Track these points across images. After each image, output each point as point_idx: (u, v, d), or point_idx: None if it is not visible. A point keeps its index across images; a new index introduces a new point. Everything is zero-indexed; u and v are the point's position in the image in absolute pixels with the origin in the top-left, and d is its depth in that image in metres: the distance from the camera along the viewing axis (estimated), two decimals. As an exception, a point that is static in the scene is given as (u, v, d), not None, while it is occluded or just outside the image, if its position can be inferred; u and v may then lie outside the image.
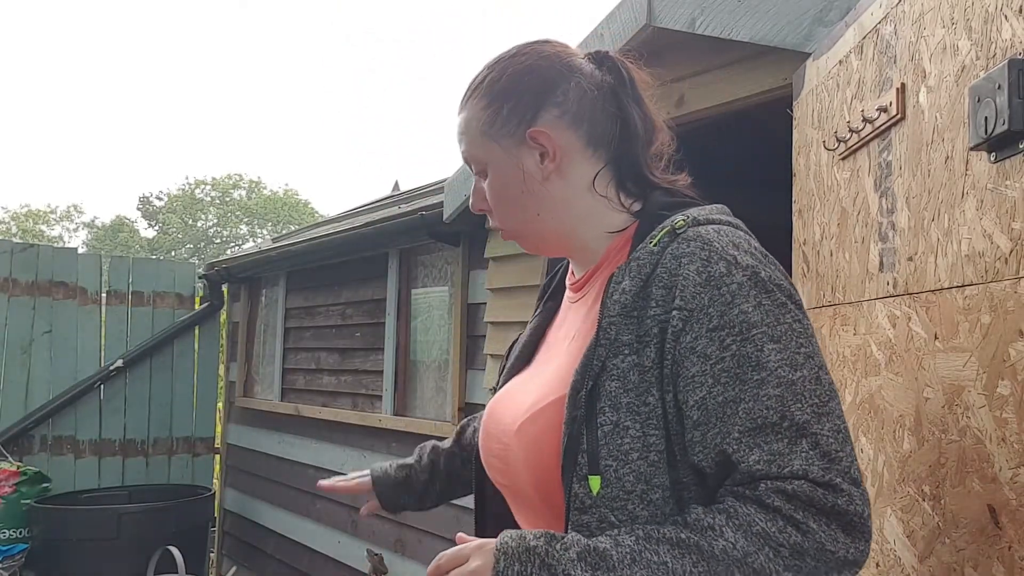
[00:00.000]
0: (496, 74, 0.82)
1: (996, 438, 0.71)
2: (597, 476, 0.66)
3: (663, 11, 1.69)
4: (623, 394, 0.67)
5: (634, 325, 0.69)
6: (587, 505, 0.66)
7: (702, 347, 0.66)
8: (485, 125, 0.81)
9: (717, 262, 0.67)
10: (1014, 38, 0.69)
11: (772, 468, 0.63)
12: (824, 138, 1.15)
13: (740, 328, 0.65)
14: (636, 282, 0.70)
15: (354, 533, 3.32)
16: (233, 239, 28.25)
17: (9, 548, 3.52)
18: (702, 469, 0.67)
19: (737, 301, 0.66)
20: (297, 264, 3.91)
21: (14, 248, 4.16)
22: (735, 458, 0.64)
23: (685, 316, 0.67)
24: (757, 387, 0.64)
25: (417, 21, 61.40)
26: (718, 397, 0.65)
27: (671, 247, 0.70)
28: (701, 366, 0.66)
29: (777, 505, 0.62)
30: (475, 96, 0.82)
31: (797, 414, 0.64)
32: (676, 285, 0.68)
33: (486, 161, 0.82)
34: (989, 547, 0.72)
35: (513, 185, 0.81)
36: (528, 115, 0.79)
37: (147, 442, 4.39)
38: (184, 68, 54.39)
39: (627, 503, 0.66)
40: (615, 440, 0.66)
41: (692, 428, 0.66)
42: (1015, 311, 0.68)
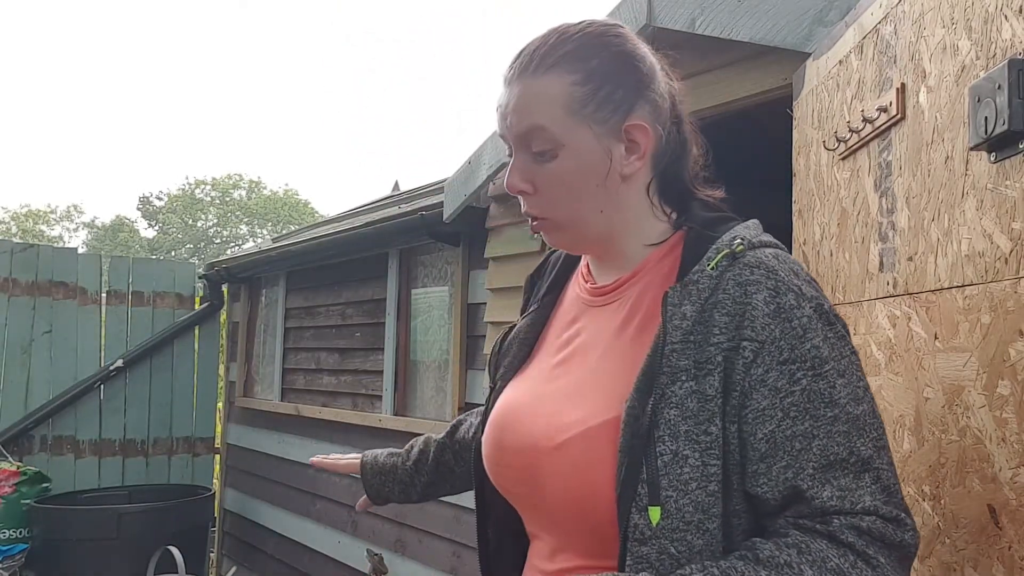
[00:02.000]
0: (590, 49, 0.74)
1: (996, 438, 0.71)
2: (658, 507, 0.64)
3: (663, 11, 1.69)
4: (681, 422, 0.65)
5: (692, 350, 0.66)
6: (647, 536, 0.64)
7: (772, 380, 0.65)
8: (576, 102, 0.72)
9: (786, 293, 0.67)
10: (1014, 38, 0.69)
11: (845, 504, 0.64)
12: (824, 138, 1.15)
13: (812, 363, 0.65)
14: (696, 307, 0.67)
15: (354, 533, 3.31)
16: (233, 239, 28.25)
17: (9, 548, 3.52)
18: (764, 500, 0.66)
19: (809, 335, 0.66)
20: (297, 264, 3.91)
21: (14, 248, 4.16)
22: (809, 494, 0.64)
23: (756, 348, 0.65)
24: (830, 424, 0.65)
25: (417, 21, 61.42)
26: (787, 431, 0.65)
27: (732, 272, 0.68)
28: (771, 399, 0.65)
29: (850, 541, 0.63)
30: (561, 67, 0.73)
31: (862, 449, 0.65)
32: (745, 314, 0.66)
33: (561, 142, 0.73)
34: (989, 547, 0.72)
35: (594, 175, 0.73)
36: (627, 105, 0.73)
37: (147, 442, 4.39)
38: (184, 68, 54.42)
39: (686, 534, 0.64)
40: (675, 470, 0.64)
41: (758, 460, 0.65)
42: (1015, 311, 0.68)
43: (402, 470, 1.05)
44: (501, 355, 0.88)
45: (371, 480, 1.07)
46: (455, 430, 1.06)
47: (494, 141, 2.40)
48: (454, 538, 2.72)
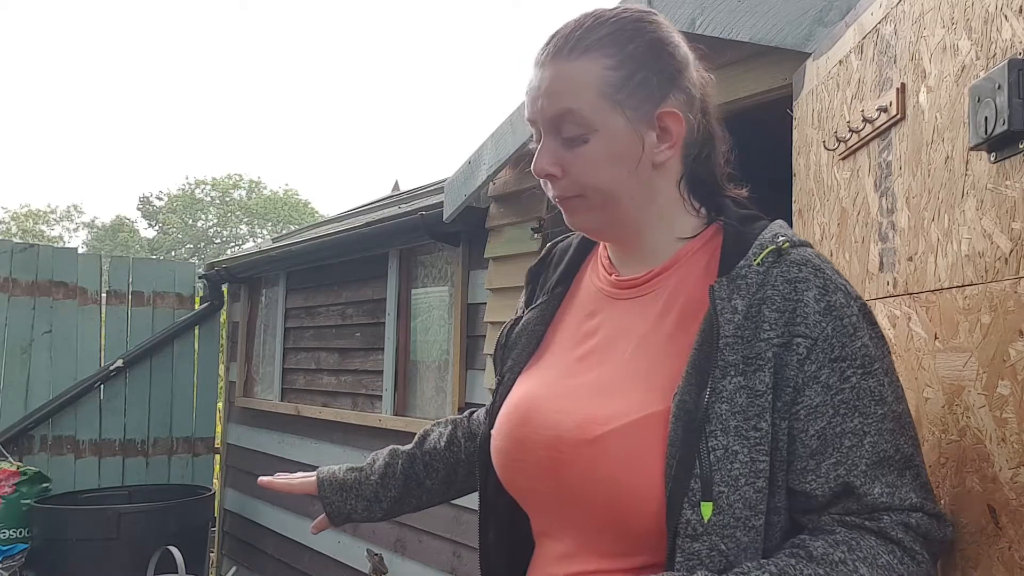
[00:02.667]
0: (626, 35, 0.73)
1: (996, 438, 0.71)
2: (710, 503, 0.63)
3: (663, 11, 1.69)
4: (731, 417, 0.65)
5: (741, 346, 0.66)
6: (698, 532, 0.64)
7: (825, 377, 0.66)
8: (610, 87, 0.71)
9: (835, 292, 0.68)
10: (1014, 38, 0.69)
11: (894, 501, 0.66)
12: (824, 138, 1.15)
13: (862, 361, 0.67)
14: (746, 301, 0.68)
15: (354, 533, 3.32)
16: (233, 239, 28.25)
17: (9, 548, 3.52)
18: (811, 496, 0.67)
19: (859, 334, 0.67)
20: (297, 264, 3.91)
21: (14, 248, 4.16)
22: (861, 491, 0.66)
23: (809, 344, 0.66)
24: (880, 421, 0.66)
25: (417, 21, 61.46)
26: (837, 428, 0.66)
27: (779, 269, 0.69)
28: (824, 396, 0.66)
29: (899, 537, 0.65)
30: (595, 50, 0.72)
31: (905, 447, 0.67)
32: (796, 311, 0.66)
33: (594, 125, 0.72)
34: (989, 547, 0.72)
35: (626, 161, 0.72)
36: (660, 92, 0.73)
37: (147, 442, 4.39)
38: (184, 68, 54.45)
39: (736, 530, 0.64)
40: (726, 465, 0.64)
41: (808, 456, 0.66)
42: (1015, 311, 0.68)
43: (366, 485, 0.99)
44: (508, 347, 0.86)
45: (330, 498, 0.99)
46: (424, 440, 1.01)
47: (494, 141, 2.40)
48: (454, 538, 2.72)
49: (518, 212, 2.45)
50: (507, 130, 2.32)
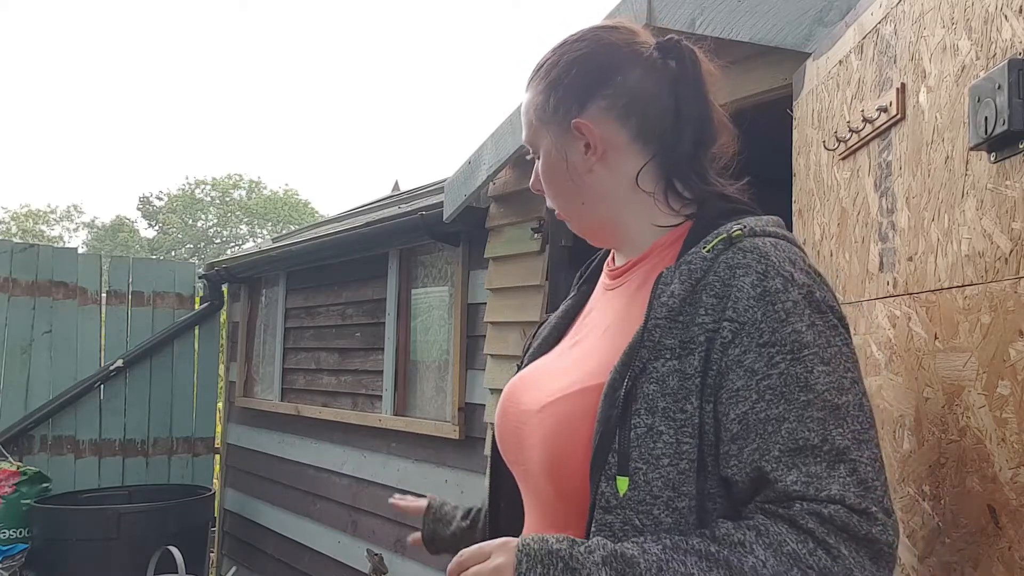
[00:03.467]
0: (555, 59, 0.82)
1: (996, 438, 0.71)
2: (626, 477, 0.65)
3: (663, 11, 1.69)
4: (660, 398, 0.66)
5: (679, 330, 0.68)
6: (612, 505, 0.66)
7: (750, 361, 0.65)
8: (539, 110, 0.82)
9: (774, 277, 0.67)
10: (1014, 38, 0.69)
11: (809, 490, 0.63)
12: (824, 138, 1.15)
13: (791, 347, 0.65)
14: (686, 286, 0.69)
15: (354, 533, 3.32)
16: (233, 239, 28.25)
17: (9, 548, 3.52)
18: (734, 482, 0.66)
19: (791, 319, 0.66)
20: (297, 264, 3.91)
21: (14, 248, 4.16)
22: (772, 476, 0.64)
23: (736, 328, 0.66)
24: (803, 408, 0.64)
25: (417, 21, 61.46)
26: (760, 413, 0.65)
27: (726, 255, 0.69)
28: (746, 380, 0.65)
29: (811, 527, 0.62)
30: (535, 80, 0.83)
31: (838, 439, 0.64)
32: (729, 296, 0.67)
33: (537, 147, 0.83)
34: (989, 547, 0.72)
35: (558, 173, 0.82)
36: (575, 105, 0.79)
37: (147, 442, 4.39)
38: (184, 69, 54.45)
39: (653, 508, 0.65)
40: (647, 443, 0.66)
41: (729, 441, 0.66)
42: (1015, 311, 0.68)
43: (456, 525, 1.03)
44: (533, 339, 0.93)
45: (429, 523, 1.05)
46: None
47: (494, 141, 2.40)
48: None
49: (518, 212, 2.45)
50: (507, 130, 2.32)
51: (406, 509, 1.09)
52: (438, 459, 2.84)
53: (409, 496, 1.11)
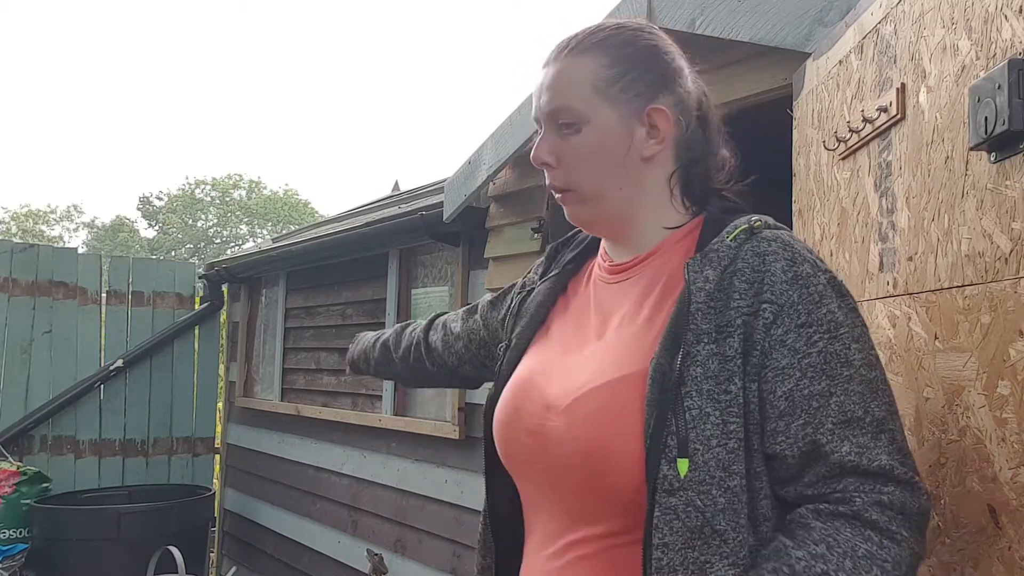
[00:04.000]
0: (624, 39, 0.80)
1: (996, 438, 0.71)
2: (686, 459, 0.67)
3: (663, 11, 1.69)
4: (704, 381, 0.68)
5: (713, 314, 0.70)
6: (676, 488, 0.67)
7: (791, 341, 0.69)
8: (603, 82, 0.78)
9: (801, 263, 0.71)
10: (1014, 38, 0.69)
11: (862, 460, 0.67)
12: (824, 138, 1.15)
13: (828, 326, 0.69)
14: (717, 272, 0.72)
15: (354, 533, 3.32)
16: (233, 239, 28.24)
17: (9, 548, 3.52)
18: (782, 457, 0.69)
19: (824, 301, 0.70)
20: (297, 264, 3.91)
21: (14, 248, 4.16)
22: (827, 448, 0.67)
23: (776, 310, 0.69)
24: (846, 383, 0.68)
25: (417, 21, 61.44)
26: (804, 390, 0.68)
27: (750, 244, 0.73)
28: (790, 359, 0.69)
29: (874, 519, 0.66)
30: (594, 52, 0.79)
31: (876, 410, 0.69)
32: (763, 280, 0.70)
33: (586, 118, 0.78)
34: (989, 547, 0.72)
35: (614, 152, 0.79)
36: (651, 91, 0.79)
37: (147, 442, 4.39)
38: (184, 68, 54.44)
39: (711, 488, 0.67)
40: (700, 425, 0.67)
41: (776, 418, 0.69)
42: (1015, 311, 0.68)
43: (368, 344, 1.31)
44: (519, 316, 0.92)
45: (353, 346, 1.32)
46: (406, 325, 1.27)
47: (494, 141, 2.40)
48: (454, 538, 2.72)
49: (518, 212, 2.45)
50: (507, 130, 2.32)
51: None
52: (438, 459, 2.84)
53: None
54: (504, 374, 0.87)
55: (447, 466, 2.79)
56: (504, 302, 1.07)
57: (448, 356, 1.16)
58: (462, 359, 1.14)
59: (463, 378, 1.18)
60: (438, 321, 1.21)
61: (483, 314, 1.11)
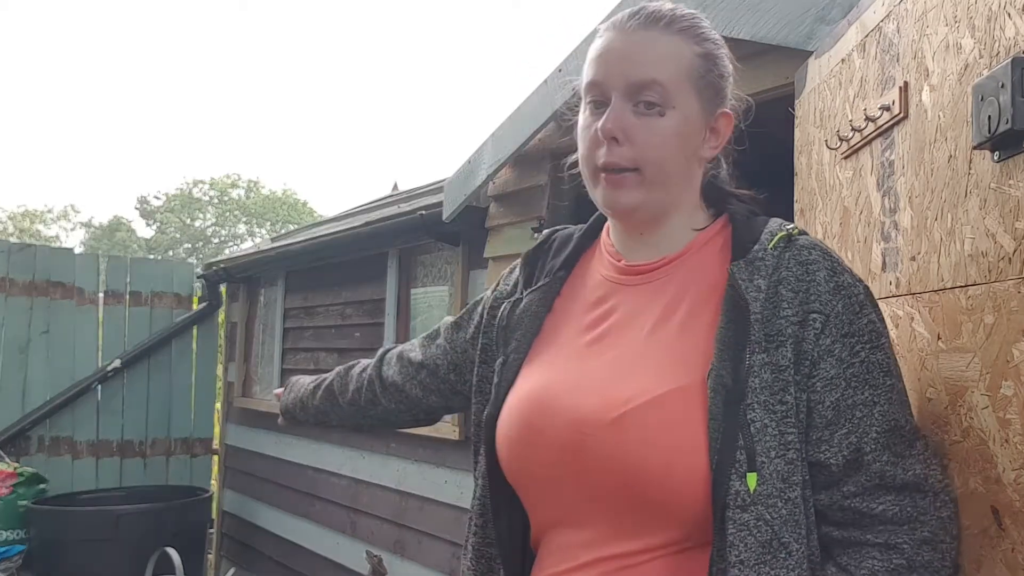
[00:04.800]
0: (709, 36, 0.81)
1: (999, 439, 0.71)
2: (754, 473, 0.66)
3: (663, 10, 1.69)
4: (761, 392, 0.68)
5: (762, 324, 0.70)
6: (747, 503, 0.66)
7: (838, 351, 0.70)
8: (696, 70, 0.77)
9: (842, 273, 0.73)
10: (1017, 36, 0.69)
11: (898, 470, 0.70)
12: (826, 137, 1.15)
13: (870, 336, 0.71)
14: (766, 281, 0.72)
15: (353, 534, 3.31)
16: (231, 239, 28.22)
17: (6, 549, 3.51)
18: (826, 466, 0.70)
19: (865, 311, 0.72)
20: (296, 264, 3.90)
21: (11, 248, 4.15)
22: (870, 457, 0.69)
23: (823, 320, 0.70)
24: (889, 392, 0.70)
25: (417, 22, 61.45)
26: (849, 400, 0.69)
27: (790, 252, 0.73)
28: (838, 368, 0.70)
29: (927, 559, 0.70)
30: (687, 33, 0.78)
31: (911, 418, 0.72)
32: (810, 290, 0.71)
33: (674, 102, 0.75)
34: (992, 549, 0.72)
35: (689, 145, 0.77)
36: (723, 93, 0.81)
37: (145, 443, 4.38)
38: (183, 69, 54.40)
39: (776, 501, 0.67)
40: (763, 438, 0.67)
41: (823, 427, 0.69)
42: (1019, 311, 0.68)
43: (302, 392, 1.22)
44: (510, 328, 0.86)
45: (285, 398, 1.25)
46: (352, 366, 1.19)
47: (494, 141, 2.39)
48: (454, 539, 2.72)
49: (518, 212, 2.45)
50: (507, 130, 2.32)
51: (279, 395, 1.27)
52: (437, 459, 2.84)
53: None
54: (502, 390, 0.81)
55: (447, 467, 2.78)
56: (471, 320, 1.00)
57: (411, 388, 1.06)
58: (427, 389, 1.05)
59: (427, 410, 1.08)
60: (389, 356, 1.12)
61: (448, 337, 1.04)
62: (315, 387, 1.19)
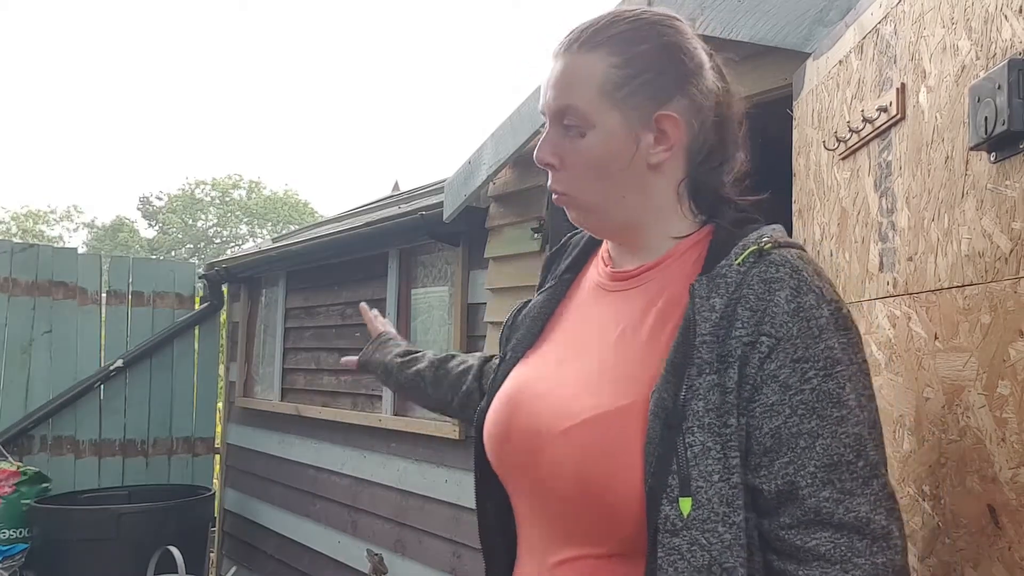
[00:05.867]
0: (638, 36, 0.74)
1: (996, 438, 0.71)
2: (688, 498, 0.64)
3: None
4: (706, 414, 0.66)
5: (716, 344, 0.67)
6: (679, 528, 0.64)
7: (784, 376, 0.66)
8: (611, 85, 0.73)
9: (807, 293, 0.67)
10: (1014, 38, 0.69)
11: (839, 508, 0.65)
12: (824, 138, 1.15)
13: (824, 363, 0.66)
14: (724, 300, 0.68)
15: (354, 533, 3.31)
16: (233, 239, 28.24)
17: (9, 548, 3.52)
18: (760, 491, 0.67)
19: (824, 336, 0.66)
20: (297, 264, 3.90)
21: (14, 248, 4.16)
22: (805, 492, 0.65)
23: (772, 344, 0.66)
24: (836, 424, 0.65)
25: (417, 22, 61.44)
26: (793, 428, 0.65)
27: (758, 268, 0.69)
28: (780, 395, 0.66)
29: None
30: (605, 48, 0.74)
31: (871, 454, 0.66)
32: (767, 310, 0.67)
33: (592, 122, 0.74)
34: (989, 547, 0.72)
35: (618, 159, 0.74)
36: (663, 95, 0.74)
37: (147, 442, 4.39)
38: (184, 69, 54.42)
39: (717, 525, 0.65)
40: (703, 461, 0.65)
41: (761, 454, 0.66)
42: (1015, 311, 0.68)
43: (391, 358, 1.22)
44: (513, 328, 0.88)
45: (370, 350, 1.26)
46: (448, 359, 1.18)
47: (494, 141, 2.39)
48: (454, 538, 2.72)
49: (518, 212, 2.45)
50: (507, 130, 2.32)
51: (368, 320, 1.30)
52: (438, 459, 2.84)
53: (379, 318, 1.33)
54: (495, 387, 0.83)
55: (447, 466, 2.79)
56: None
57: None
58: None
59: None
60: (488, 367, 1.12)
61: None
62: (404, 363, 1.21)
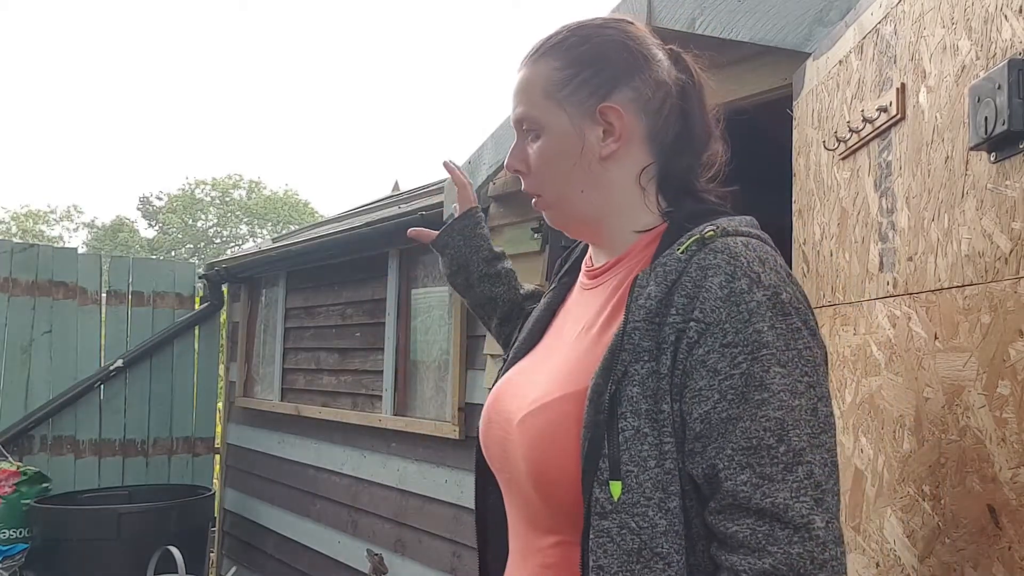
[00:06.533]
0: (579, 39, 0.79)
1: (996, 438, 0.71)
2: (618, 481, 0.66)
3: (663, 11, 1.69)
4: (642, 400, 0.67)
5: (654, 331, 0.68)
6: (608, 510, 0.66)
7: (713, 361, 0.66)
8: (553, 87, 0.78)
9: (741, 278, 0.67)
10: (1014, 38, 0.69)
11: (756, 494, 0.63)
12: (824, 138, 1.15)
13: (752, 347, 0.65)
14: (661, 288, 0.69)
15: (354, 533, 3.32)
16: (233, 239, 28.24)
17: (9, 548, 3.52)
18: (694, 478, 0.67)
19: (753, 320, 0.66)
20: (297, 264, 3.91)
21: (14, 248, 4.16)
22: (723, 475, 0.64)
23: (701, 329, 0.66)
24: (757, 407, 0.64)
25: (417, 21, 61.44)
26: (722, 413, 0.65)
27: (698, 256, 0.69)
28: (709, 380, 0.66)
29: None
30: (549, 55, 0.79)
31: (795, 440, 0.64)
32: (699, 296, 0.67)
33: (543, 124, 0.79)
34: (989, 547, 0.72)
35: (568, 155, 0.78)
36: (603, 89, 0.77)
37: (147, 442, 4.39)
38: (184, 69, 54.42)
39: (647, 510, 0.65)
40: (636, 446, 0.66)
41: (693, 439, 0.66)
42: (1015, 311, 0.68)
43: (477, 268, 1.14)
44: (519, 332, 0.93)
45: (456, 236, 1.13)
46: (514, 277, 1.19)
47: (494, 141, 2.40)
48: (454, 538, 2.72)
49: (518, 212, 2.45)
50: (507, 130, 2.32)
51: (460, 182, 1.14)
52: (438, 459, 2.84)
53: (463, 176, 1.17)
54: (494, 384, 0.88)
55: (447, 466, 2.79)
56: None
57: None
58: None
59: None
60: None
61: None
62: (484, 276, 1.16)
